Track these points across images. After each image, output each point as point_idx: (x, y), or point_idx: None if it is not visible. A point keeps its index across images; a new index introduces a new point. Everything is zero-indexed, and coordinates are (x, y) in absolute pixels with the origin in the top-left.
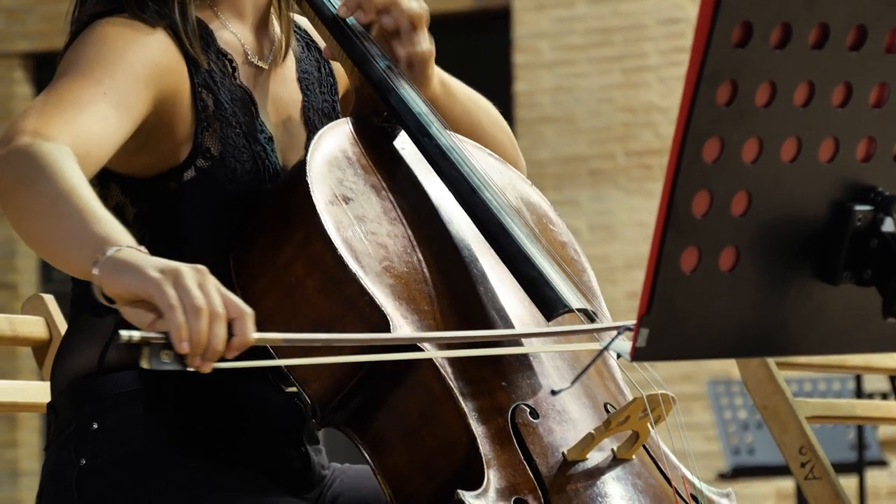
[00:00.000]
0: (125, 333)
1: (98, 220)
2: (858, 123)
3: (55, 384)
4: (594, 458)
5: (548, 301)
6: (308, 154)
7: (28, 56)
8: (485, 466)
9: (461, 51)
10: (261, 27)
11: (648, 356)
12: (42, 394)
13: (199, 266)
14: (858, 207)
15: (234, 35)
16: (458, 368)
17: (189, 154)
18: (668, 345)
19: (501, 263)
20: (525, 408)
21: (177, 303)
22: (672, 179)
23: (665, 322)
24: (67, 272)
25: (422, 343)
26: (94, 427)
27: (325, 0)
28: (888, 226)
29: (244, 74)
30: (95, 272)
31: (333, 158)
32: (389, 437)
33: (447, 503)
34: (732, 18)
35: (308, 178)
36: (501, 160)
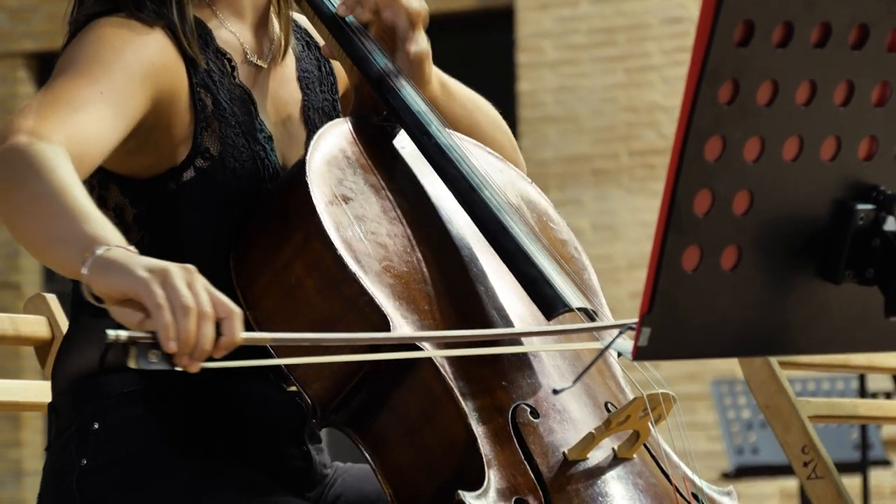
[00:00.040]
0: (112, 333)
1: (88, 220)
2: (860, 122)
3: (56, 384)
4: (595, 458)
5: (548, 300)
6: (307, 154)
7: (32, 56)
8: (485, 466)
9: (464, 50)
10: (260, 26)
11: (650, 355)
12: (45, 393)
13: (188, 265)
14: (860, 206)
15: (233, 34)
16: (459, 368)
17: (188, 154)
18: (670, 344)
19: (501, 262)
20: (526, 407)
21: (164, 302)
22: (674, 178)
23: (667, 321)
24: (58, 271)
25: (418, 342)
26: (95, 427)
27: None
28: (890, 225)
29: (243, 74)
30: (84, 271)
31: (333, 158)
32: (390, 437)
33: (448, 503)
34: (734, 17)
35: (307, 178)
36: (501, 158)
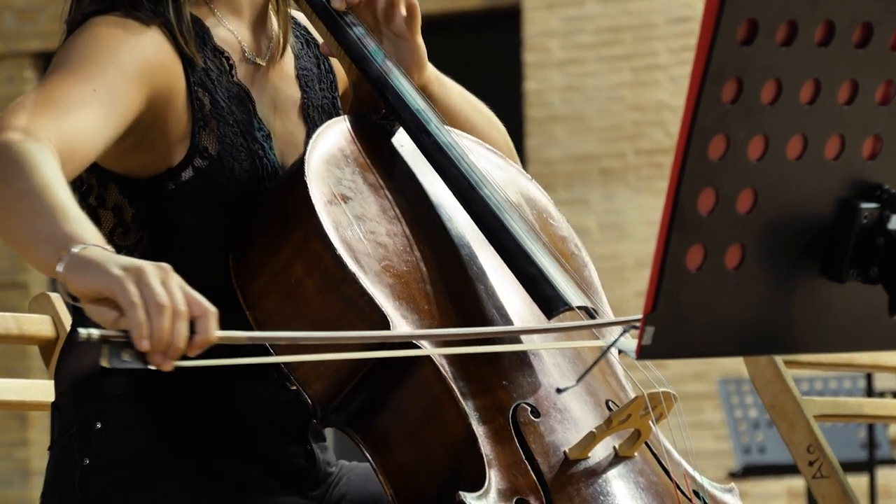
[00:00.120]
0: (84, 331)
1: (68, 219)
2: (864, 121)
3: (59, 384)
4: (596, 457)
5: (548, 299)
6: (306, 153)
7: (39, 55)
8: (486, 466)
9: (471, 50)
10: (258, 24)
11: (654, 354)
12: (51, 392)
13: (163, 264)
14: (864, 205)
15: (231, 32)
16: (459, 368)
17: (186, 154)
18: (674, 343)
19: (501, 261)
20: (526, 407)
21: (138, 300)
22: (677, 177)
23: (670, 320)
24: (38, 270)
25: (415, 341)
26: (98, 426)
27: None
28: (894, 223)
29: (241, 72)
30: (60, 269)
31: (332, 157)
32: (391, 437)
33: (449, 503)
34: (738, 16)
35: (306, 178)
36: (501, 155)
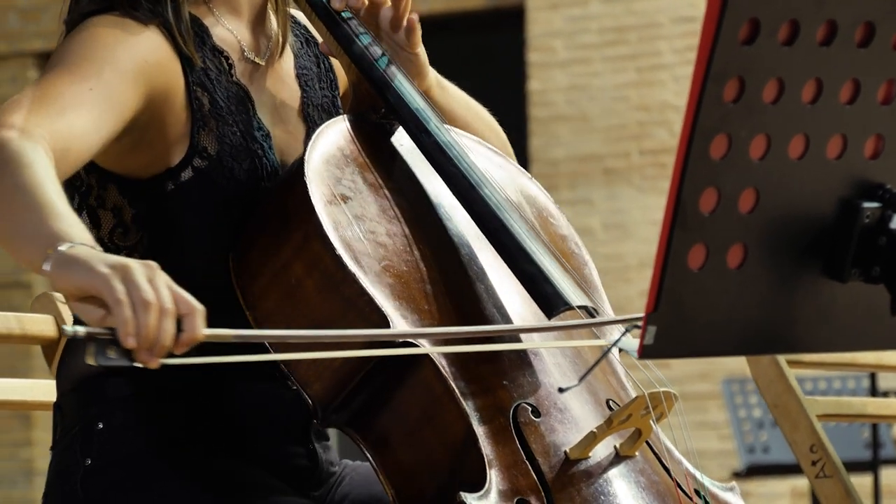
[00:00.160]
0: (69, 328)
1: (56, 217)
2: (866, 120)
3: (61, 385)
4: (597, 456)
5: (548, 298)
6: (306, 153)
7: (43, 55)
8: (487, 466)
9: (475, 50)
10: (257, 23)
11: (656, 354)
12: (54, 392)
13: (150, 262)
14: (866, 205)
15: (230, 32)
16: (460, 368)
17: (186, 154)
18: (676, 342)
19: (501, 260)
20: (527, 406)
21: (124, 297)
22: (679, 176)
23: (672, 319)
24: (26, 268)
25: (415, 339)
26: (100, 427)
27: None
28: None
29: (241, 71)
30: (46, 268)
31: (331, 157)
32: (391, 438)
33: (450, 503)
34: (740, 16)
35: (306, 178)
36: (500, 154)
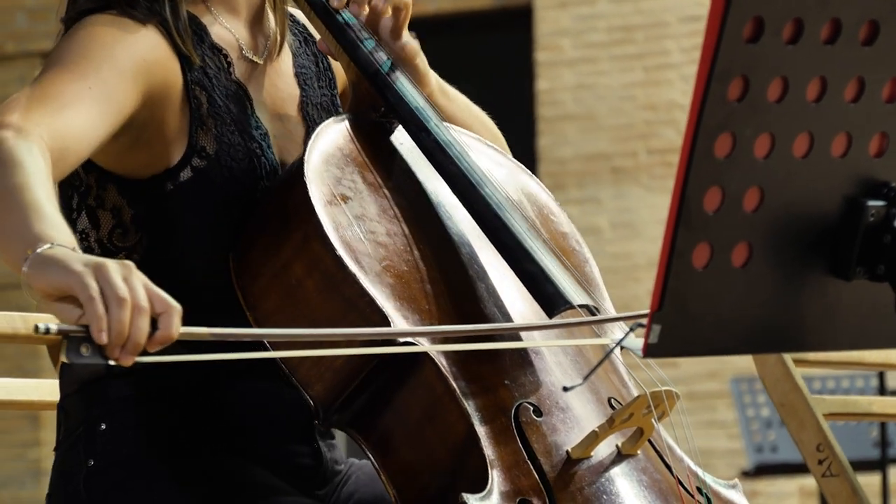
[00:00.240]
0: (42, 325)
1: (39, 219)
2: (871, 119)
3: (64, 386)
4: (599, 455)
5: (549, 297)
6: (305, 152)
7: None
8: (488, 467)
9: (483, 49)
10: (255, 22)
11: (661, 352)
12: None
13: (126, 261)
14: (871, 203)
15: (228, 30)
16: (461, 368)
17: (184, 153)
18: (681, 341)
19: (502, 259)
20: (529, 406)
21: (97, 294)
22: (684, 175)
23: (677, 318)
24: (11, 270)
25: (416, 339)
26: (103, 428)
27: None
28: None
29: (239, 70)
30: (25, 269)
31: (331, 157)
32: (393, 438)
33: (452, 503)
34: (744, 14)
35: (306, 178)
36: (500, 151)
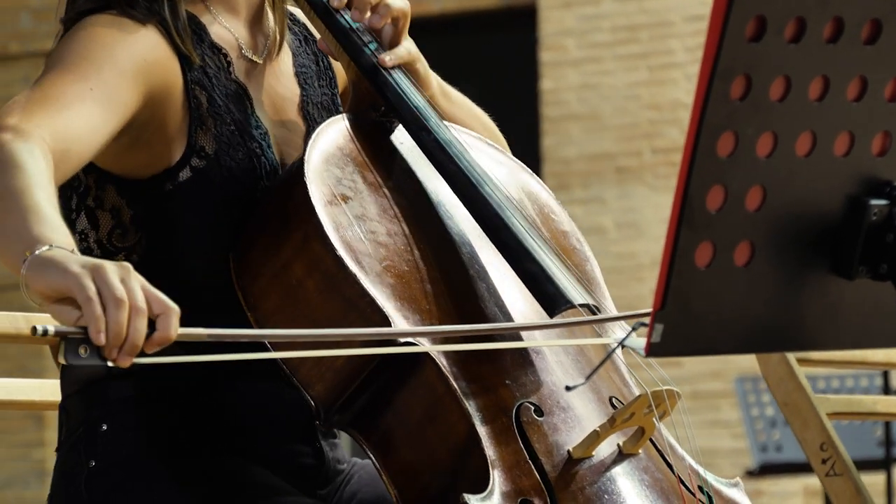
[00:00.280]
0: (40, 327)
1: (38, 221)
2: (874, 118)
3: (65, 387)
4: (600, 455)
5: (550, 297)
6: (305, 152)
7: None
8: (489, 467)
9: (487, 49)
10: (255, 22)
11: (663, 352)
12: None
13: (124, 263)
14: (874, 202)
15: (228, 30)
16: (462, 368)
17: (184, 153)
18: (683, 340)
19: (503, 259)
20: (530, 405)
21: (94, 295)
22: (686, 174)
23: (679, 317)
24: (11, 272)
25: (416, 339)
26: (104, 429)
27: None
28: None
29: (239, 69)
30: (23, 271)
31: (331, 156)
32: (394, 438)
33: (453, 503)
34: (746, 13)
35: (306, 178)
36: (501, 150)
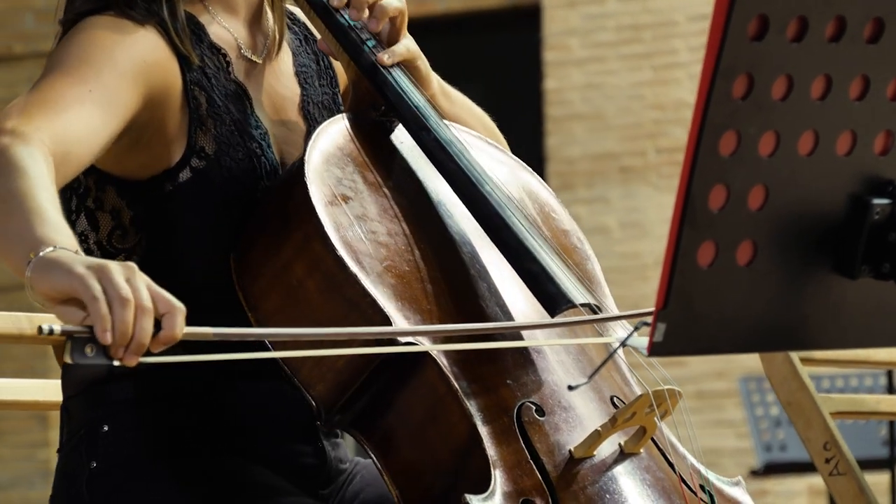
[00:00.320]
0: (46, 326)
1: (42, 223)
2: (876, 117)
3: (66, 388)
4: (601, 454)
5: (551, 297)
6: (306, 152)
7: None
8: (491, 467)
9: (491, 48)
10: (254, 21)
11: (665, 351)
12: None
13: (129, 263)
14: (876, 201)
15: (227, 30)
16: (463, 367)
17: (183, 154)
18: (685, 339)
19: (503, 258)
20: (531, 405)
21: (100, 294)
22: (688, 173)
23: (682, 317)
24: (15, 275)
25: (417, 338)
26: (105, 430)
27: None
28: None
29: (238, 69)
30: (28, 273)
31: (331, 156)
32: (395, 438)
33: (454, 502)
34: (748, 12)
35: (306, 178)
36: (501, 148)
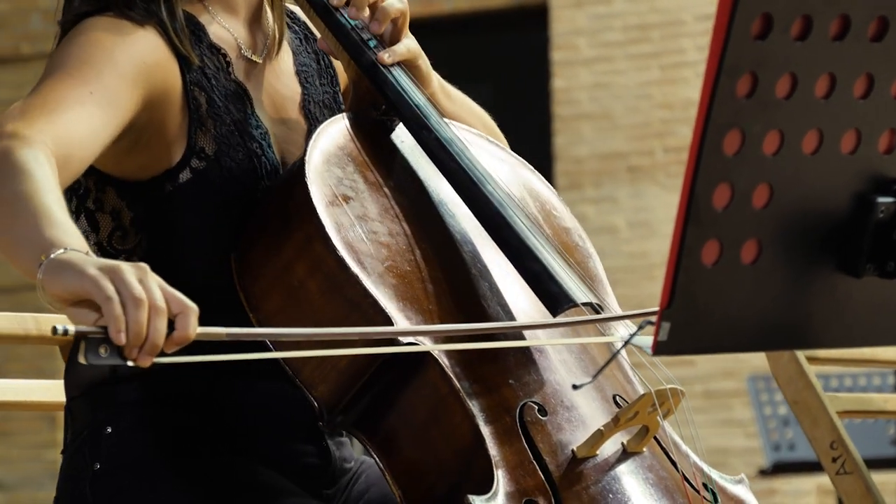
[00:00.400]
0: (60, 327)
1: (51, 225)
2: (880, 115)
3: (70, 389)
4: (604, 454)
5: (552, 296)
6: (306, 152)
7: None
8: (494, 467)
9: (499, 48)
10: (254, 21)
11: (670, 350)
12: None
13: (141, 263)
14: (881, 199)
15: (227, 30)
16: (465, 367)
17: (183, 155)
18: (690, 338)
19: (505, 257)
20: (533, 405)
21: (114, 295)
22: (693, 172)
23: (686, 315)
24: (26, 277)
25: (418, 338)
26: (108, 431)
27: None
28: None
29: (238, 69)
30: (39, 275)
31: (332, 156)
32: (398, 439)
33: (457, 503)
34: (752, 11)
35: (307, 179)
36: (502, 147)
